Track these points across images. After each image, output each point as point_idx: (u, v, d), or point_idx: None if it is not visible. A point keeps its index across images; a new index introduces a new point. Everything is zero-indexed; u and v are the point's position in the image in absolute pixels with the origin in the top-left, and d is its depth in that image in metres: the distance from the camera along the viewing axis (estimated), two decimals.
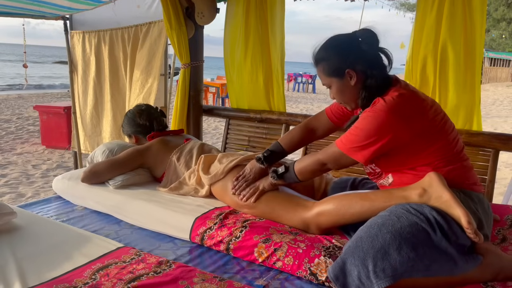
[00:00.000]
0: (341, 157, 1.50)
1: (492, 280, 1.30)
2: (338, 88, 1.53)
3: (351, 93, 1.53)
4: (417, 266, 1.22)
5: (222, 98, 10.49)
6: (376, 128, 1.40)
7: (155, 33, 3.16)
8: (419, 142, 1.42)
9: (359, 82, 1.49)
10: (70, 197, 2.16)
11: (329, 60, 1.51)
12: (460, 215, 1.27)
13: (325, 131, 1.91)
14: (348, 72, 1.48)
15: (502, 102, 13.08)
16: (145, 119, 2.38)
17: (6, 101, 11.12)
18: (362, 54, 1.48)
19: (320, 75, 1.57)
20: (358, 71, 1.48)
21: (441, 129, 1.44)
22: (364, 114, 1.46)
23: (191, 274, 1.33)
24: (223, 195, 1.90)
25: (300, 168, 1.64)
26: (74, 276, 1.30)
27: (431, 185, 1.36)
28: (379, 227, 1.28)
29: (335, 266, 1.29)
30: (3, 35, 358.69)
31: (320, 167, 1.58)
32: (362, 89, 1.49)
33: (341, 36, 1.53)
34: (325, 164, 1.56)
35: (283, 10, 2.78)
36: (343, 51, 1.50)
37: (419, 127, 1.41)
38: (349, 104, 1.59)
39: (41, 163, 5.10)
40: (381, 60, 1.51)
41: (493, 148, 2.16)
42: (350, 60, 1.48)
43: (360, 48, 1.48)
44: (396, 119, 1.40)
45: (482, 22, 2.12)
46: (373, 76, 1.47)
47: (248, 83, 2.89)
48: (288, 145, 1.88)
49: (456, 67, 2.17)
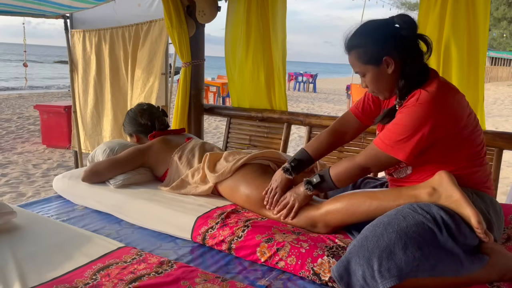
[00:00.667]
0: (384, 157, 1.42)
1: (498, 281, 1.28)
2: (374, 76, 1.44)
3: (387, 82, 1.44)
4: (422, 266, 1.21)
5: (223, 98, 10.48)
6: (421, 120, 1.32)
7: (156, 31, 3.14)
8: (457, 139, 1.37)
9: (396, 70, 1.41)
10: (70, 197, 2.15)
11: (365, 46, 1.41)
12: (470, 215, 1.25)
13: (354, 132, 1.80)
14: (385, 59, 1.39)
15: (503, 101, 13.07)
16: (147, 118, 2.37)
17: (6, 100, 11.12)
18: (400, 40, 1.39)
19: (353, 62, 1.47)
20: (396, 59, 1.39)
21: (473, 129, 1.39)
22: (404, 108, 1.38)
23: (193, 274, 1.31)
24: (232, 194, 1.89)
25: (337, 174, 1.53)
26: (74, 276, 1.29)
27: (441, 184, 1.34)
28: (385, 226, 1.26)
29: (339, 265, 1.27)
30: (4, 35, 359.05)
31: (360, 171, 1.49)
32: (401, 78, 1.41)
33: (377, 22, 1.44)
34: (365, 168, 1.48)
35: (284, 8, 2.76)
36: (380, 37, 1.40)
37: (459, 122, 1.35)
38: (382, 93, 1.49)
39: (41, 162, 5.08)
40: (419, 47, 1.42)
41: (497, 147, 2.15)
42: (388, 47, 1.39)
43: (399, 34, 1.39)
44: (442, 110, 1.32)
45: (485, 20, 2.11)
46: (412, 64, 1.39)
47: (249, 81, 2.88)
48: (316, 152, 1.76)
49: (460, 65, 2.16)
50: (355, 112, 1.76)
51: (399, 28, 1.40)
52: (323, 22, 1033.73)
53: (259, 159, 1.95)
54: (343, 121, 1.81)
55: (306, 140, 2.73)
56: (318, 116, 2.71)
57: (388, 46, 1.39)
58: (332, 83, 24.05)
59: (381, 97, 1.54)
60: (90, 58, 3.63)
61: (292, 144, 6.27)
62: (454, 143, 1.38)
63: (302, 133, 6.62)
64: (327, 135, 1.79)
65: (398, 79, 1.42)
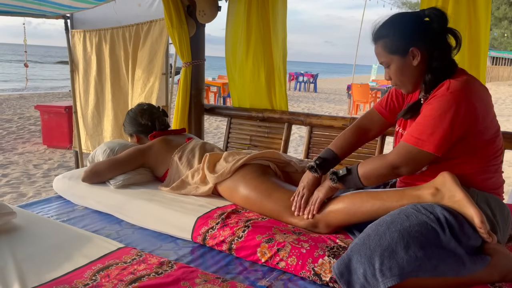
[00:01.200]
0: (414, 152, 1.35)
1: (500, 281, 1.28)
2: (398, 67, 1.41)
3: (411, 74, 1.41)
4: (424, 266, 1.20)
5: (224, 98, 10.47)
6: (450, 107, 1.28)
7: (156, 31, 3.14)
8: (480, 137, 1.34)
9: (422, 62, 1.38)
10: (70, 197, 2.14)
11: (393, 36, 1.39)
12: (473, 215, 1.25)
13: (378, 129, 1.76)
14: (412, 50, 1.37)
15: (504, 101, 13.06)
16: (147, 118, 2.36)
17: (7, 101, 11.12)
18: (429, 33, 1.37)
19: (379, 52, 1.44)
20: (423, 51, 1.37)
21: (496, 132, 1.38)
22: (433, 99, 1.34)
23: (193, 275, 1.31)
24: (231, 194, 1.88)
25: (366, 172, 1.46)
26: (74, 277, 1.28)
27: (444, 184, 1.33)
28: (388, 225, 1.26)
29: (340, 263, 1.27)
30: (5, 35, 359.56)
31: (390, 170, 1.40)
32: (427, 72, 1.38)
33: (407, 13, 1.44)
34: (397, 167, 1.39)
35: (285, 8, 2.76)
36: (408, 28, 1.39)
37: (487, 119, 1.33)
38: (405, 86, 1.46)
39: (42, 162, 5.08)
40: (447, 41, 1.39)
41: None
42: (416, 38, 1.37)
43: (428, 27, 1.37)
44: (474, 99, 1.29)
45: (486, 20, 2.10)
46: (440, 58, 1.36)
47: (250, 81, 2.87)
48: (341, 149, 1.71)
49: (461, 65, 2.10)
50: (379, 109, 1.73)
51: (429, 21, 1.38)
52: (323, 21, 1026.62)
53: (259, 159, 1.94)
54: (367, 118, 1.77)
55: (307, 140, 2.73)
56: (319, 116, 2.70)
57: (415, 37, 1.37)
58: (333, 83, 24.04)
59: (404, 91, 1.51)
60: (91, 58, 3.63)
61: (293, 144, 6.26)
62: (478, 142, 1.35)
63: (303, 133, 6.61)
64: (352, 132, 1.75)
65: (423, 72, 1.40)
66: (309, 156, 2.70)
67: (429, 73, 1.38)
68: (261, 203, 1.75)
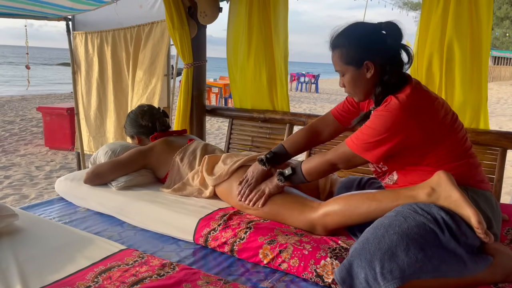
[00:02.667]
0: (352, 156, 1.47)
1: (503, 281, 1.27)
2: (352, 77, 1.47)
3: (364, 85, 1.47)
4: (425, 267, 1.20)
5: (225, 99, 10.47)
6: (388, 126, 1.37)
7: (157, 33, 3.14)
8: (430, 142, 1.40)
9: (375, 75, 1.44)
10: (72, 199, 2.14)
11: (349, 47, 1.44)
12: (470, 215, 1.24)
13: (331, 132, 1.86)
14: (366, 63, 1.42)
15: (506, 100, 13.03)
16: (148, 120, 2.36)
17: (9, 102, 11.15)
18: (384, 48, 1.42)
19: (335, 60, 1.49)
20: (377, 65, 1.42)
21: (450, 128, 1.41)
22: (376, 112, 1.42)
23: (195, 277, 1.30)
24: (228, 196, 1.88)
25: (308, 169, 1.61)
26: (76, 279, 1.28)
27: (439, 184, 1.33)
28: (386, 228, 1.25)
29: (341, 269, 1.26)
30: (6, 37, 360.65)
31: (329, 167, 1.56)
32: (378, 85, 1.44)
33: (365, 25, 1.47)
34: (335, 165, 1.54)
35: (286, 8, 2.75)
36: (365, 41, 1.43)
37: (430, 127, 1.38)
38: (358, 95, 1.53)
39: (44, 164, 5.09)
40: (400, 56, 1.45)
41: (501, 147, 2.13)
42: (371, 52, 1.42)
43: (384, 41, 1.42)
44: (409, 118, 1.36)
45: (488, 19, 2.09)
46: (392, 73, 1.42)
47: (251, 82, 2.87)
48: (292, 147, 1.85)
49: (463, 65, 2.14)
50: (334, 113, 1.82)
51: (385, 35, 1.43)
52: (325, 22, 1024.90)
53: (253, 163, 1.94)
54: (321, 121, 1.88)
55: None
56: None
57: (371, 51, 1.43)
58: (334, 84, 23.99)
59: (356, 99, 1.57)
60: (93, 60, 3.64)
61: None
62: (428, 147, 1.40)
63: None
64: (304, 132, 1.87)
65: (375, 84, 1.46)
66: (310, 157, 2.69)
67: (380, 86, 1.44)
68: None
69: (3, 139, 6.40)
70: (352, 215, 1.48)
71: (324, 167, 1.57)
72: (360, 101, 1.60)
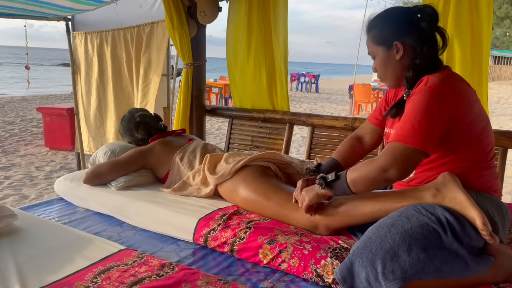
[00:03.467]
0: (399, 150, 1.29)
1: (504, 282, 1.26)
2: (382, 59, 1.43)
3: (394, 68, 1.42)
4: (427, 268, 1.19)
5: (225, 99, 10.47)
6: (429, 102, 1.28)
7: (157, 33, 3.14)
8: (465, 134, 1.34)
9: (405, 57, 1.39)
10: (72, 199, 2.14)
11: (381, 28, 1.42)
12: (474, 216, 1.23)
13: (374, 139, 1.76)
14: (396, 44, 1.38)
15: (507, 100, 13.02)
16: (143, 132, 2.34)
17: (10, 103, 11.15)
18: (416, 29, 1.37)
19: (368, 43, 1.47)
20: (407, 46, 1.38)
21: (484, 127, 1.37)
22: (412, 96, 1.35)
23: (195, 277, 1.30)
24: (231, 196, 1.88)
25: (354, 177, 1.37)
26: (75, 279, 1.28)
27: (445, 185, 1.32)
28: (389, 228, 1.24)
29: (342, 268, 1.25)
30: (6, 38, 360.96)
31: (380, 174, 1.31)
32: (410, 68, 1.39)
33: (399, 8, 1.46)
34: (386, 169, 1.30)
35: (286, 8, 2.75)
36: (396, 22, 1.41)
37: (471, 112, 1.33)
38: (388, 80, 1.48)
39: (44, 164, 5.09)
40: (435, 40, 1.40)
41: (501, 146, 2.13)
42: (401, 32, 1.38)
43: (415, 23, 1.38)
44: (453, 93, 1.29)
45: (488, 19, 2.09)
46: (423, 56, 1.36)
47: (251, 82, 2.87)
48: (341, 158, 1.70)
49: (463, 64, 2.14)
50: (370, 119, 1.77)
51: (419, 17, 1.38)
52: (325, 22, 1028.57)
53: (259, 160, 1.93)
54: (361, 128, 1.82)
55: (309, 141, 2.72)
56: (320, 116, 2.69)
57: (401, 32, 1.39)
58: (334, 83, 24.02)
59: (387, 84, 1.52)
60: (92, 60, 3.63)
61: (295, 144, 6.25)
62: (463, 139, 1.35)
63: (305, 134, 6.60)
64: (347, 140, 1.78)
65: (406, 68, 1.41)
66: (311, 157, 2.69)
67: (411, 70, 1.39)
68: (261, 204, 1.74)
69: (3, 140, 6.40)
70: (356, 215, 1.47)
71: (373, 174, 1.33)
72: (391, 87, 1.55)
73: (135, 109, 2.47)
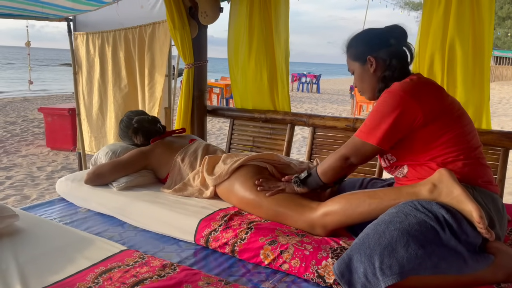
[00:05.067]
0: (361, 145, 1.49)
1: (505, 281, 1.26)
2: (359, 73, 1.59)
3: (370, 81, 1.57)
4: (425, 264, 1.19)
5: (226, 99, 10.47)
6: (388, 105, 1.42)
7: (159, 33, 3.14)
8: (433, 126, 1.40)
9: (378, 70, 1.54)
10: (73, 199, 2.14)
11: (356, 46, 1.60)
12: (471, 210, 1.25)
13: None
14: (369, 58, 1.54)
15: (508, 100, 12.99)
16: (142, 139, 2.34)
17: (11, 103, 11.17)
18: (386, 45, 1.53)
19: (347, 60, 1.64)
20: (379, 59, 1.53)
21: (457, 118, 1.43)
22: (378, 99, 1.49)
23: (196, 278, 1.30)
24: (229, 196, 1.88)
25: (323, 169, 1.61)
26: (76, 280, 1.28)
27: (441, 180, 1.33)
28: (386, 224, 1.26)
29: (340, 263, 1.26)
30: (8, 38, 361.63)
31: (342, 162, 1.54)
32: (381, 79, 1.53)
33: (373, 29, 1.62)
34: (347, 158, 1.53)
35: (287, 8, 2.75)
36: (369, 40, 1.58)
37: (433, 109, 1.40)
38: (366, 92, 1.62)
39: (46, 165, 5.10)
40: (404, 54, 1.55)
41: (503, 147, 2.12)
42: (374, 48, 1.54)
43: (386, 40, 1.54)
44: (409, 97, 1.40)
45: (490, 19, 2.08)
46: (392, 68, 1.51)
47: (252, 82, 2.87)
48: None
49: (464, 65, 2.13)
50: None
51: (389, 35, 1.55)
52: (326, 22, 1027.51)
53: (256, 161, 1.93)
54: None
55: (310, 141, 2.72)
56: (321, 117, 2.69)
57: (373, 48, 1.54)
58: (335, 84, 24.02)
59: (366, 97, 1.65)
60: (94, 61, 3.64)
61: (296, 145, 6.25)
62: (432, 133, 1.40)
63: (306, 134, 6.60)
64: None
65: (379, 80, 1.54)
66: (312, 157, 2.69)
67: (382, 82, 1.53)
68: (256, 204, 1.74)
69: (4, 140, 6.40)
70: (352, 214, 1.48)
71: (337, 163, 1.55)
72: (370, 99, 1.65)
73: (132, 112, 2.46)
